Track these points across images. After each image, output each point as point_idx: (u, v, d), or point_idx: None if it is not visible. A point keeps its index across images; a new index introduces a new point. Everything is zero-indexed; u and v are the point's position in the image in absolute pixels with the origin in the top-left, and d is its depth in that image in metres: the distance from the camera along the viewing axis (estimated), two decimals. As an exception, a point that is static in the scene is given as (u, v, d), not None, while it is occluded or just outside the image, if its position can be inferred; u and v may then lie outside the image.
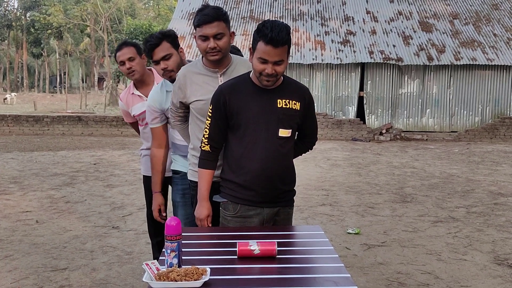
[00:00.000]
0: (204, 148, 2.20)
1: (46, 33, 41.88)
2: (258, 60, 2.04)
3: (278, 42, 1.99)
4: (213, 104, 2.18)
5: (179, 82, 2.38)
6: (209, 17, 2.22)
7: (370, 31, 17.05)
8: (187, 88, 2.35)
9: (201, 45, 2.26)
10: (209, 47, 2.23)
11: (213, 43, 2.22)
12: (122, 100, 3.24)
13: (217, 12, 2.25)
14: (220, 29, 2.23)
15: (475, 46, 16.09)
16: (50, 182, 7.33)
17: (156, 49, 2.62)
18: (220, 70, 2.36)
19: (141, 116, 3.13)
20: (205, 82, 2.35)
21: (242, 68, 2.37)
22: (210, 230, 2.15)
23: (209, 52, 2.25)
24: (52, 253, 4.13)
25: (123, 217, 5.35)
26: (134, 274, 3.67)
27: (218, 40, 2.24)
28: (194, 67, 2.40)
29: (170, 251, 1.65)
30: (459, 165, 9.69)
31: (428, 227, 5.05)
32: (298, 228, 2.22)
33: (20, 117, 15.37)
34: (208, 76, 2.36)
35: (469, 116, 15.77)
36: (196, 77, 2.36)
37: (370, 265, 3.91)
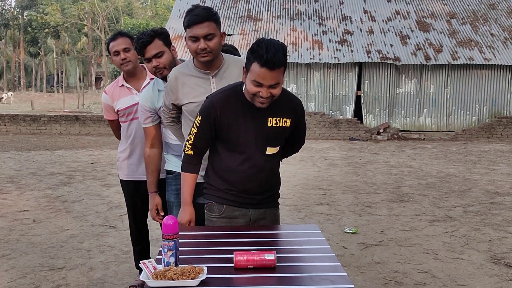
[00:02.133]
0: (187, 152, 2.15)
1: (43, 32, 41.77)
2: (252, 82, 1.93)
3: (275, 64, 1.88)
4: (203, 116, 2.07)
5: (170, 84, 2.35)
6: (199, 17, 2.18)
7: (368, 31, 17.06)
8: (179, 90, 2.32)
9: (191, 46, 2.22)
10: (199, 48, 2.19)
11: (203, 44, 2.18)
12: (107, 93, 3.12)
13: (207, 12, 2.21)
14: (211, 30, 2.19)
15: (472, 46, 16.13)
16: (47, 181, 7.31)
17: (148, 47, 2.57)
18: (212, 72, 2.32)
19: (127, 111, 3.04)
20: (197, 84, 2.32)
21: (234, 69, 2.33)
22: (207, 229, 2.15)
23: (200, 53, 2.20)
24: (49, 252, 4.12)
25: (120, 216, 5.34)
26: (131, 274, 3.66)
27: (209, 41, 2.19)
28: (185, 69, 2.36)
29: (167, 250, 1.65)
30: (456, 164, 9.72)
31: (425, 226, 5.06)
32: (295, 227, 2.23)
33: (17, 116, 15.34)
34: (200, 78, 2.32)
35: (466, 115, 15.81)
36: (188, 78, 2.33)
37: (367, 264, 3.92)
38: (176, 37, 16.83)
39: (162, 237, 1.67)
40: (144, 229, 3.43)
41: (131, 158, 3.15)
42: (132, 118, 3.07)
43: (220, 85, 2.26)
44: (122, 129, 3.19)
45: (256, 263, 1.65)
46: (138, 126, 3.05)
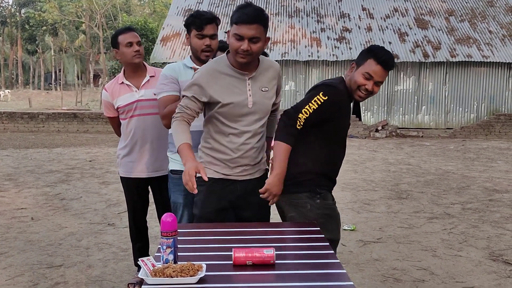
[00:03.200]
0: (298, 125, 2.23)
1: (41, 29, 41.65)
2: (363, 75, 2.23)
3: (389, 66, 2.24)
4: (330, 100, 2.21)
5: (202, 79, 2.22)
6: (249, 17, 2.10)
7: (366, 28, 17.05)
8: (211, 87, 2.21)
9: (233, 44, 2.13)
10: (241, 49, 2.11)
11: (247, 45, 2.10)
12: (107, 90, 3.12)
13: (259, 14, 2.13)
14: (258, 33, 2.11)
15: (470, 43, 16.14)
16: (45, 179, 7.30)
17: (210, 25, 2.62)
18: (249, 73, 2.25)
19: (127, 108, 3.05)
20: (232, 84, 2.23)
21: (269, 72, 2.32)
22: (206, 226, 2.14)
23: (240, 54, 2.13)
24: (47, 250, 4.11)
25: (118, 214, 5.34)
26: (129, 271, 3.66)
27: (253, 43, 2.12)
28: (219, 66, 2.25)
29: (166, 247, 1.65)
30: (455, 161, 9.73)
31: (423, 224, 5.06)
32: (294, 224, 2.22)
33: (15, 114, 15.30)
34: (236, 78, 2.24)
35: (465, 113, 15.83)
36: (222, 77, 2.23)
37: (365, 261, 3.92)
38: (173, 34, 16.80)
39: (161, 234, 1.67)
40: (144, 226, 3.43)
41: (131, 155, 3.14)
42: (132, 115, 3.07)
43: (255, 87, 2.25)
44: (122, 126, 3.18)
45: (255, 258, 1.64)
46: (138, 123, 3.06)
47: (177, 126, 2.23)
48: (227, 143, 2.28)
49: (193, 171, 2.04)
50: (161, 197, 3.18)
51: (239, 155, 2.28)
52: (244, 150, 2.28)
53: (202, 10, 2.53)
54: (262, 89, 2.28)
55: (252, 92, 2.25)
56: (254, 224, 2.17)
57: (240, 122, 2.26)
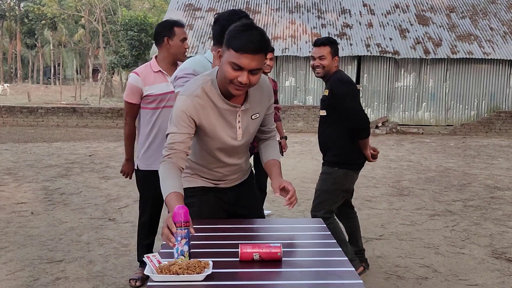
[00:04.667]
0: None
1: (40, 23, 41.46)
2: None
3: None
4: None
5: (191, 110, 1.92)
6: (255, 46, 1.77)
7: (367, 24, 16.99)
8: (200, 120, 1.95)
9: (229, 73, 1.80)
10: (239, 81, 1.80)
11: (246, 78, 1.79)
12: (139, 75, 3.03)
13: (265, 42, 1.81)
14: (260, 64, 1.81)
15: (471, 40, 16.09)
16: (45, 173, 7.26)
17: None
18: (241, 106, 1.98)
19: (160, 97, 2.99)
20: (223, 118, 1.97)
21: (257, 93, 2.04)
22: (213, 222, 2.11)
23: (236, 85, 1.83)
24: (47, 245, 4.09)
25: (119, 209, 5.31)
26: (131, 267, 3.63)
27: (253, 75, 1.81)
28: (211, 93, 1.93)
29: (181, 238, 1.61)
30: (455, 158, 9.71)
31: (425, 221, 5.04)
32: (300, 221, 2.19)
33: (14, 108, 15.23)
34: (226, 110, 1.96)
35: (465, 110, 15.80)
36: (213, 109, 1.95)
37: (368, 258, 3.89)
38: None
39: (175, 225, 1.63)
40: (157, 223, 3.38)
41: (158, 146, 3.06)
42: (164, 106, 3.02)
43: (245, 118, 2.01)
44: (143, 116, 3.10)
45: (262, 253, 1.62)
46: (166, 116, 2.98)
47: (166, 171, 1.89)
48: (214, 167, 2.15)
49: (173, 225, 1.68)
50: None
51: (226, 175, 2.19)
52: (232, 170, 2.19)
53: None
54: (252, 116, 2.04)
55: (242, 124, 2.02)
56: (260, 220, 2.14)
57: (228, 154, 2.09)
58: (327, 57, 3.32)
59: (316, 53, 3.34)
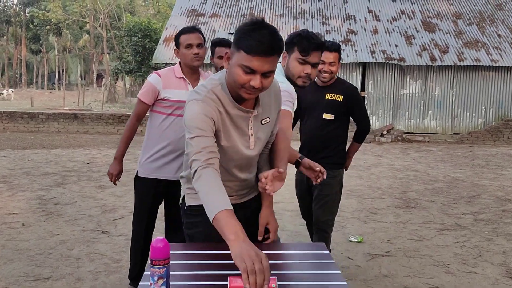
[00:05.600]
0: None
1: (45, 29, 41.60)
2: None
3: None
4: None
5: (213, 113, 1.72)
6: (267, 47, 1.60)
7: (372, 31, 16.79)
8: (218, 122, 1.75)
9: (239, 76, 1.63)
10: (251, 85, 1.63)
11: (259, 82, 1.63)
12: (161, 76, 2.91)
13: (278, 42, 1.64)
14: (273, 66, 1.65)
15: (479, 47, 15.85)
16: (40, 182, 7.07)
17: (315, 52, 2.32)
18: (253, 111, 1.80)
19: (177, 104, 2.85)
20: (235, 125, 1.79)
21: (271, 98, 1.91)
22: (199, 247, 1.89)
23: (247, 89, 1.65)
24: (36, 260, 3.88)
25: (113, 220, 5.10)
26: (121, 285, 3.42)
27: (266, 78, 1.65)
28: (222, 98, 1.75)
29: (158, 278, 1.40)
30: (463, 168, 9.44)
31: (434, 235, 4.80)
32: (300, 246, 1.97)
33: (15, 113, 15.10)
34: (238, 116, 1.78)
35: (472, 118, 15.52)
36: (226, 114, 1.76)
37: (374, 278, 3.67)
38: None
39: (151, 263, 1.43)
40: (151, 237, 3.18)
41: (164, 154, 2.93)
42: (180, 114, 2.86)
43: (257, 124, 1.84)
44: (155, 120, 2.95)
45: None
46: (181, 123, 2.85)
47: (209, 180, 1.61)
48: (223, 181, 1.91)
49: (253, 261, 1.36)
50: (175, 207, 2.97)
51: (235, 190, 1.97)
52: (242, 185, 1.99)
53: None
54: (262, 121, 1.87)
55: (254, 131, 1.85)
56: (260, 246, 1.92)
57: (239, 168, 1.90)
58: (336, 63, 3.29)
59: (327, 58, 3.22)
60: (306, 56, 2.22)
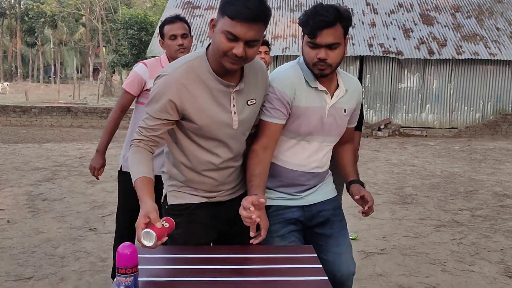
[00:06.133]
0: None
1: (40, 21, 41.20)
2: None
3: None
4: None
5: (173, 92, 1.64)
6: (253, 13, 1.53)
7: (370, 24, 16.62)
8: (184, 104, 1.65)
9: (222, 43, 1.56)
10: (233, 52, 1.56)
11: (242, 49, 1.55)
12: (148, 66, 2.78)
13: (264, 9, 1.56)
14: (258, 35, 1.58)
15: (477, 40, 15.70)
16: (30, 177, 6.92)
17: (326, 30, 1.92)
18: (235, 85, 1.70)
19: None
20: (214, 100, 1.68)
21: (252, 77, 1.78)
22: (177, 251, 1.76)
23: (230, 58, 1.58)
24: (18, 258, 3.75)
25: (102, 217, 4.97)
26: (106, 285, 3.29)
27: (250, 47, 1.58)
28: (197, 72, 1.66)
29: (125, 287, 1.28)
30: (461, 163, 9.33)
31: (430, 232, 4.69)
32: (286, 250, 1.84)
33: (7, 107, 14.90)
34: (218, 90, 1.68)
35: (470, 112, 15.40)
36: (201, 88, 1.66)
37: (368, 277, 3.55)
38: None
39: (117, 271, 1.30)
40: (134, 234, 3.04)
41: None
42: None
43: (241, 102, 1.73)
44: (139, 112, 2.80)
45: None
46: None
47: (136, 154, 1.71)
48: (205, 170, 1.81)
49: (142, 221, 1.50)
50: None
51: (220, 182, 1.84)
52: (226, 175, 1.84)
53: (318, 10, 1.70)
54: (248, 102, 1.76)
55: (238, 109, 1.73)
56: (240, 248, 1.79)
57: (221, 147, 1.77)
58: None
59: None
60: (313, 38, 1.81)
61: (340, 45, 1.82)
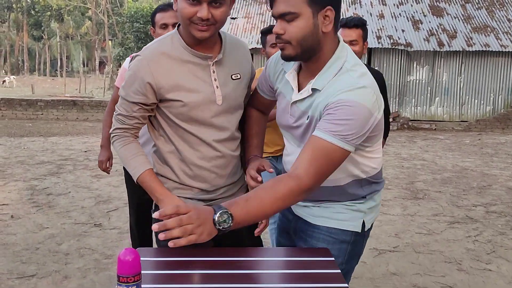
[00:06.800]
0: None
1: (46, 15, 41.17)
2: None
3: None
4: None
5: (147, 73, 1.53)
6: None
7: (378, 15, 16.36)
8: (161, 83, 1.54)
9: (185, 10, 1.46)
10: (198, 16, 1.46)
11: (206, 11, 1.45)
12: None
13: None
14: None
15: (488, 32, 15.40)
16: (34, 171, 6.85)
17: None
18: (213, 56, 1.59)
19: None
20: (191, 73, 1.57)
21: (236, 50, 1.67)
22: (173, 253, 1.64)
23: (198, 24, 1.48)
24: (22, 255, 3.66)
25: (107, 212, 4.88)
26: (111, 284, 3.20)
27: (215, 8, 1.47)
28: (170, 47, 1.57)
29: None
30: (472, 157, 9.15)
31: (444, 229, 4.55)
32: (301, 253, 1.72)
33: (13, 100, 14.85)
34: (195, 64, 1.57)
35: (480, 105, 15.15)
36: (177, 65, 1.56)
37: (381, 276, 3.43)
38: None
39: (118, 279, 1.18)
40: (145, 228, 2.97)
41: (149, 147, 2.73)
42: None
43: (222, 75, 1.61)
44: None
45: None
46: None
47: (128, 147, 1.62)
48: (197, 159, 1.66)
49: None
50: None
51: (217, 173, 1.69)
52: (222, 165, 1.69)
53: None
54: (232, 76, 1.64)
55: (220, 82, 1.60)
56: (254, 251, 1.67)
57: (209, 127, 1.62)
58: (359, 42, 2.74)
59: (346, 36, 2.67)
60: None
61: (299, 16, 1.40)
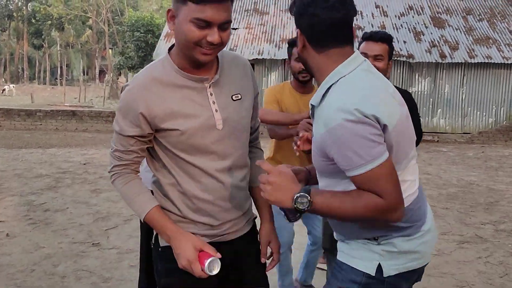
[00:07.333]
0: None
1: (47, 24, 41.25)
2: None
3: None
4: None
5: (140, 103, 1.42)
6: None
7: (380, 26, 16.32)
8: (155, 112, 1.42)
9: (194, 33, 1.34)
10: (208, 40, 1.35)
11: (217, 35, 1.36)
12: None
13: None
14: (230, 15, 1.39)
15: (490, 44, 15.36)
16: (32, 185, 6.70)
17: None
18: (209, 77, 1.48)
19: None
20: (189, 99, 1.45)
21: (235, 69, 1.56)
22: None
23: (204, 47, 1.37)
24: (16, 278, 3.50)
25: (106, 230, 4.72)
26: (109, 311, 3.04)
27: (224, 31, 1.38)
28: (161, 74, 1.45)
29: None
30: (477, 171, 9.01)
31: (454, 249, 4.40)
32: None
33: (12, 110, 14.71)
34: (190, 89, 1.45)
35: (483, 117, 15.05)
36: (170, 92, 1.44)
37: (392, 302, 3.27)
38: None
39: None
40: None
41: None
42: None
43: (221, 97, 1.49)
44: None
45: None
46: None
47: (130, 185, 1.51)
48: (198, 191, 1.50)
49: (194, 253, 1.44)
50: None
51: (222, 207, 1.53)
52: (226, 197, 1.53)
53: None
54: (233, 97, 1.52)
55: (219, 105, 1.48)
56: None
57: (210, 155, 1.49)
58: (384, 58, 2.43)
59: (371, 50, 2.41)
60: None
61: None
